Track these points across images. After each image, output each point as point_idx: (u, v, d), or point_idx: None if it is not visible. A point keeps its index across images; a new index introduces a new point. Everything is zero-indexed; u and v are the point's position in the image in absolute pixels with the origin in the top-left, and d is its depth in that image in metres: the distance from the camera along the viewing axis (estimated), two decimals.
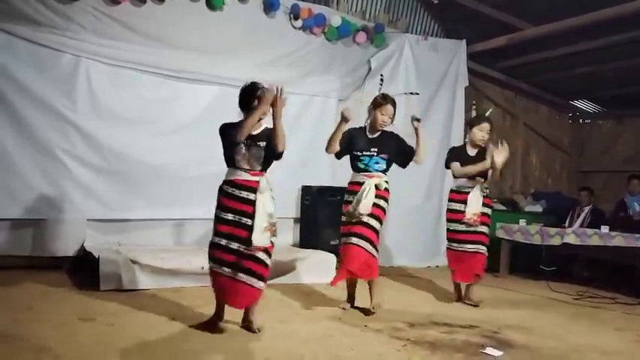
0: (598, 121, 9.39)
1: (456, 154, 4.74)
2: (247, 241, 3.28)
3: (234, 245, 3.31)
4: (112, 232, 5.33)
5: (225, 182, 3.42)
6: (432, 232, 7.10)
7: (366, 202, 3.96)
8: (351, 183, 4.18)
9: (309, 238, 6.10)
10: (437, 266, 6.93)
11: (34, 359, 2.71)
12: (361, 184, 4.04)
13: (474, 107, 4.91)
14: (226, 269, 3.32)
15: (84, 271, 4.75)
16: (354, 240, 3.99)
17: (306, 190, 6.22)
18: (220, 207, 3.39)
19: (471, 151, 4.69)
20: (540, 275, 5.80)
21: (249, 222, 3.29)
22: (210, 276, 3.45)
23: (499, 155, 4.40)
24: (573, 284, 5.74)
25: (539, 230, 6.00)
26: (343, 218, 4.13)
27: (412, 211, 6.85)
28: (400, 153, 4.16)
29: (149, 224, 5.49)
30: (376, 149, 4.10)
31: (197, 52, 5.65)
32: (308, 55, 6.31)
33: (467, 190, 4.59)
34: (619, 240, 5.42)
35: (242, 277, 3.30)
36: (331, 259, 5.50)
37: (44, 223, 5.01)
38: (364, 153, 4.11)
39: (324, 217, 6.00)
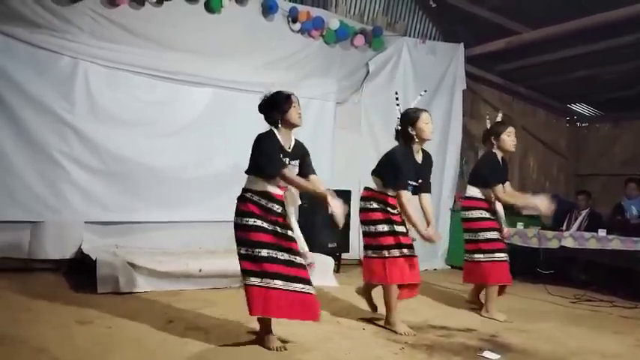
0: (595, 125, 9.42)
1: (499, 173, 4.36)
2: (297, 252, 3.18)
3: (283, 255, 3.14)
4: (109, 234, 5.32)
5: (255, 192, 3.16)
6: None
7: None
8: (389, 196, 3.86)
9: (307, 241, 6.07)
10: (435, 269, 6.94)
11: None
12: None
13: (487, 117, 4.76)
14: (278, 281, 3.09)
15: (81, 273, 4.74)
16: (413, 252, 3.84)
17: (304, 193, 6.20)
18: (250, 215, 3.12)
19: (502, 162, 4.43)
20: (538, 278, 5.79)
21: (290, 232, 3.20)
22: (251, 293, 3.08)
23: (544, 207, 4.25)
24: (571, 287, 5.74)
25: (536, 233, 6.00)
26: (386, 228, 3.81)
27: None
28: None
29: (147, 227, 5.48)
30: (422, 181, 3.88)
31: (195, 54, 5.66)
32: (306, 58, 6.32)
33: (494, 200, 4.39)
34: (616, 243, 5.43)
35: (296, 286, 3.12)
36: (329, 262, 5.50)
37: (42, 226, 5.00)
38: (413, 184, 3.82)
39: (322, 219, 5.97)
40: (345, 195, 6.23)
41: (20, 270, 4.83)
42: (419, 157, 3.88)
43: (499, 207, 4.43)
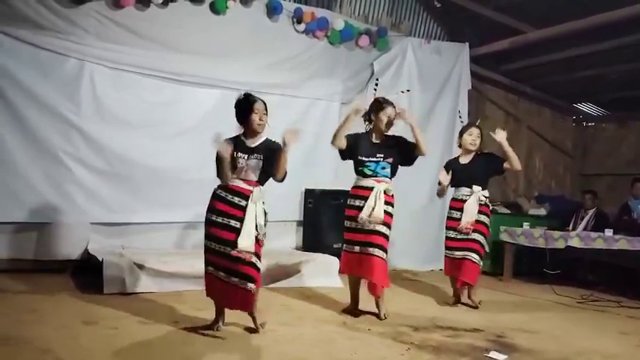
0: (602, 124, 9.38)
1: (448, 165, 4.87)
2: (233, 244, 3.30)
3: (225, 249, 3.33)
4: (115, 235, 5.33)
5: (220, 187, 3.46)
6: (435, 235, 7.07)
7: (378, 210, 3.95)
8: (357, 187, 4.14)
9: (312, 241, 6.09)
10: (440, 269, 6.90)
11: None
12: (369, 188, 4.02)
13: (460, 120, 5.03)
14: (221, 273, 3.36)
15: (87, 274, 4.76)
16: (374, 251, 3.97)
17: (309, 193, 6.22)
18: (211, 210, 3.42)
19: (464, 160, 4.76)
20: (544, 279, 5.78)
21: (238, 225, 3.33)
22: (205, 279, 3.48)
23: (498, 134, 4.49)
24: (577, 288, 5.71)
25: (542, 233, 5.98)
26: (349, 224, 4.09)
27: (415, 214, 6.84)
28: (401, 152, 4.12)
29: (152, 227, 5.50)
30: (382, 155, 4.07)
31: (200, 55, 5.67)
32: (311, 59, 6.32)
33: (465, 198, 4.63)
34: (623, 243, 5.41)
35: (234, 280, 3.33)
36: (334, 262, 5.49)
37: (48, 227, 5.03)
38: (370, 159, 4.08)
39: (327, 220, 6.00)
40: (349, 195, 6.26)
41: (27, 271, 4.84)
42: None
43: (469, 204, 4.60)
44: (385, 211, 4.00)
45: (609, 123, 9.26)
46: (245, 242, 3.31)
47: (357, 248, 4.04)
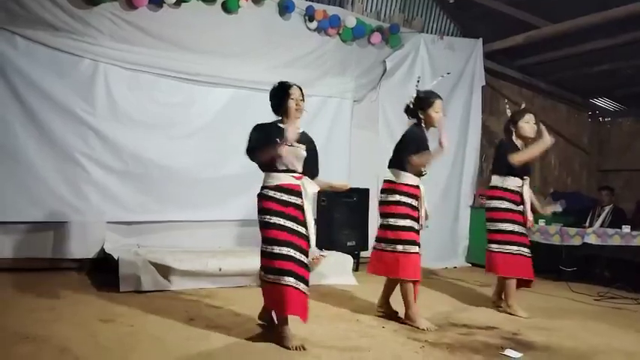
0: (618, 119, 9.25)
1: (513, 147, 4.32)
2: (306, 251, 3.19)
3: (302, 256, 3.17)
4: (131, 234, 5.38)
5: (269, 188, 3.24)
6: (450, 233, 7.06)
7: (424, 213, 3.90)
8: (410, 185, 3.85)
9: (325, 240, 6.09)
10: (455, 267, 6.89)
11: (55, 359, 2.75)
12: (418, 187, 3.88)
13: (507, 107, 4.74)
14: (302, 284, 3.14)
15: (104, 272, 4.81)
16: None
17: (323, 192, 6.21)
18: (273, 213, 3.17)
19: (521, 147, 4.36)
20: (560, 276, 5.72)
21: (302, 230, 3.20)
22: (279, 292, 3.12)
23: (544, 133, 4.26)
24: (594, 285, 5.65)
25: (558, 230, 5.93)
26: (408, 222, 3.81)
27: (429, 211, 6.80)
28: None
29: (167, 226, 5.54)
30: None
31: (213, 54, 5.69)
32: (323, 57, 6.32)
33: (519, 190, 4.32)
34: None
35: (303, 287, 3.16)
36: (348, 260, 5.50)
37: (65, 226, 5.08)
38: None
39: (341, 218, 6.00)
40: (362, 193, 6.26)
41: (44, 270, 4.91)
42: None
43: (527, 196, 4.33)
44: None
45: (626, 118, 9.14)
46: (315, 247, 3.23)
47: (419, 249, 3.84)
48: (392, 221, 3.83)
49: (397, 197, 3.83)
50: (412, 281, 3.81)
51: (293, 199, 3.22)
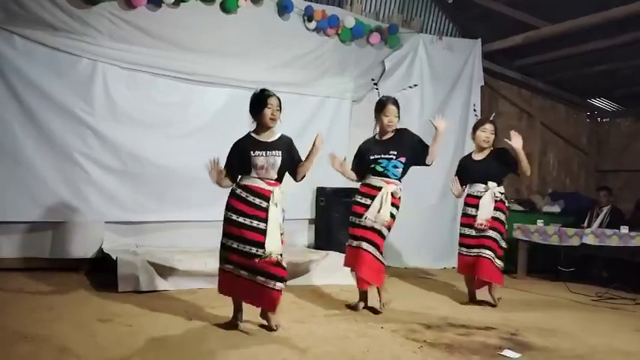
0: (617, 120, 9.26)
1: (460, 165, 4.80)
2: (259, 245, 3.32)
3: (250, 249, 3.34)
4: (129, 234, 5.39)
5: (239, 186, 3.47)
6: (448, 233, 7.05)
7: (384, 212, 3.99)
8: (365, 185, 4.17)
9: (324, 240, 6.10)
10: (453, 267, 6.87)
11: (54, 359, 2.75)
12: (377, 188, 4.04)
13: (474, 111, 4.91)
14: (243, 272, 3.36)
15: (102, 272, 4.81)
16: (365, 246, 4.03)
17: (321, 192, 6.23)
18: (230, 209, 3.43)
19: (478, 156, 4.66)
20: (558, 276, 5.73)
21: (262, 226, 3.35)
22: (220, 277, 3.48)
23: (515, 141, 4.39)
24: (592, 285, 5.66)
25: (557, 231, 5.93)
26: (353, 219, 4.13)
27: (427, 211, 6.82)
28: (416, 151, 4.14)
29: (166, 226, 5.54)
30: (395, 152, 4.08)
31: (211, 54, 5.69)
32: (322, 57, 6.32)
33: (480, 195, 4.55)
34: (639, 240, 5.34)
35: (260, 279, 3.34)
36: None
37: (63, 226, 5.09)
38: (382, 156, 4.09)
39: (339, 218, 5.99)
40: None
41: (43, 269, 4.91)
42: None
43: (485, 200, 4.52)
44: (390, 213, 4.02)
45: (624, 118, 9.14)
46: (273, 245, 3.34)
47: (355, 243, 4.09)
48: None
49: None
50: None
51: (258, 202, 3.39)
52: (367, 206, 4.05)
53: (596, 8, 5.98)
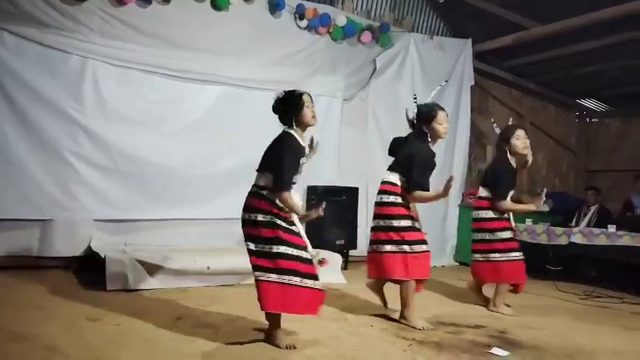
0: (605, 120, 9.35)
1: (510, 180, 4.37)
2: (306, 247, 3.20)
3: (305, 253, 3.18)
4: (118, 232, 5.34)
5: (265, 188, 3.15)
6: (439, 232, 7.08)
7: None
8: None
9: (314, 238, 6.07)
10: (443, 266, 6.92)
11: (42, 358, 2.73)
12: None
13: (494, 125, 4.76)
14: (308, 281, 3.15)
15: (91, 271, 4.76)
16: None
17: (312, 190, 6.22)
18: (271, 214, 3.11)
19: (515, 164, 4.43)
20: (547, 275, 5.77)
21: (296, 229, 3.19)
22: (267, 287, 3.08)
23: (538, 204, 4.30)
24: (580, 284, 5.71)
25: (545, 230, 5.97)
26: (409, 223, 3.85)
27: (418, 210, 6.82)
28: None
29: (155, 224, 5.50)
30: None
31: (203, 52, 5.66)
32: (313, 55, 6.31)
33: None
34: (626, 239, 5.39)
35: (308, 283, 3.16)
36: (337, 259, 5.50)
37: (51, 224, 5.04)
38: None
39: (330, 217, 5.97)
40: (352, 192, 6.27)
41: (30, 268, 4.86)
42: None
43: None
44: None
45: (613, 119, 9.24)
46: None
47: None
48: (395, 223, 3.82)
49: (393, 198, 3.84)
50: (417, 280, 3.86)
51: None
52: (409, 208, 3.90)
53: (586, 9, 6.03)
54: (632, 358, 3.36)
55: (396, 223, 3.81)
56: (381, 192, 3.91)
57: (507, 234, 4.38)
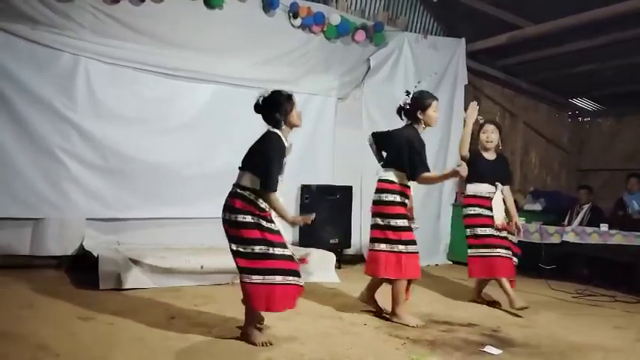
0: (597, 120, 9.39)
1: (473, 156, 4.53)
2: (285, 245, 3.21)
3: (288, 251, 3.20)
4: (111, 231, 5.32)
5: (246, 188, 3.18)
6: (432, 231, 7.09)
7: None
8: (404, 185, 3.93)
9: (308, 237, 6.09)
10: (436, 265, 6.94)
11: (33, 358, 2.71)
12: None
13: (479, 117, 4.83)
14: (291, 277, 3.16)
15: (83, 270, 4.75)
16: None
17: (306, 189, 6.22)
18: (255, 215, 3.13)
19: (489, 156, 4.58)
20: (540, 274, 5.79)
21: (274, 227, 3.20)
22: (253, 289, 3.09)
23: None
24: (573, 282, 5.74)
25: (538, 229, 5.99)
26: (405, 223, 3.85)
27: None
28: None
29: (148, 223, 5.49)
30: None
31: (196, 50, 5.65)
32: (307, 54, 6.31)
33: (490, 196, 4.49)
34: (618, 238, 5.42)
35: (290, 279, 3.16)
36: (331, 257, 5.50)
37: (44, 223, 5.01)
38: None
39: (324, 215, 5.99)
40: (346, 191, 6.27)
41: (22, 267, 4.84)
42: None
43: (497, 200, 4.47)
44: None
45: (605, 118, 9.28)
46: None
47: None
48: (393, 222, 3.83)
49: (392, 197, 3.84)
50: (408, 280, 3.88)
51: (263, 204, 3.16)
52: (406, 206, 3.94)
53: (579, 9, 6.05)
54: (624, 356, 3.38)
55: (393, 222, 3.83)
56: (379, 190, 3.92)
57: (485, 230, 4.45)
